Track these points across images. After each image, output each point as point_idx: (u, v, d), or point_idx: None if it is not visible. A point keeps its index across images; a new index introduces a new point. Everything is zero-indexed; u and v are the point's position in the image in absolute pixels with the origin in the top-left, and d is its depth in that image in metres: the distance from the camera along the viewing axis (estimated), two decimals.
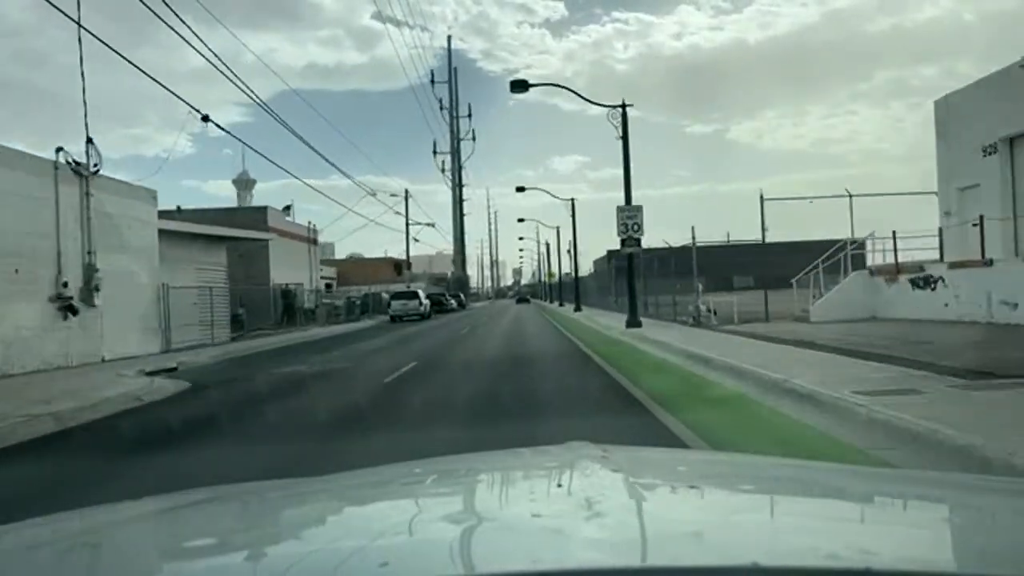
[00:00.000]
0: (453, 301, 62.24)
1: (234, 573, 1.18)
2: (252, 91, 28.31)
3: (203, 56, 16.92)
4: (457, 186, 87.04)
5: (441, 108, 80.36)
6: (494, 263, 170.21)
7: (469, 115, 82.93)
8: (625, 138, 21.80)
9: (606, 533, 1.19)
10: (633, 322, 21.19)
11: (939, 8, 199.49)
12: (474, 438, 6.88)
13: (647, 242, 22.53)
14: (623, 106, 21.68)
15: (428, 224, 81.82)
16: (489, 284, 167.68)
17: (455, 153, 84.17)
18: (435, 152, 77.71)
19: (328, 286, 56.90)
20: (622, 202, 21.59)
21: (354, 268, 70.43)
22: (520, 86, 21.74)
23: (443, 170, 78.97)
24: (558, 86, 25.68)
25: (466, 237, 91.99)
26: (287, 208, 47.22)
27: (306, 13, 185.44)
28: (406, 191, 58.78)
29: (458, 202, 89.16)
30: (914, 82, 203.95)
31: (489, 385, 11.35)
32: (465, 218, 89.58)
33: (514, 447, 2.35)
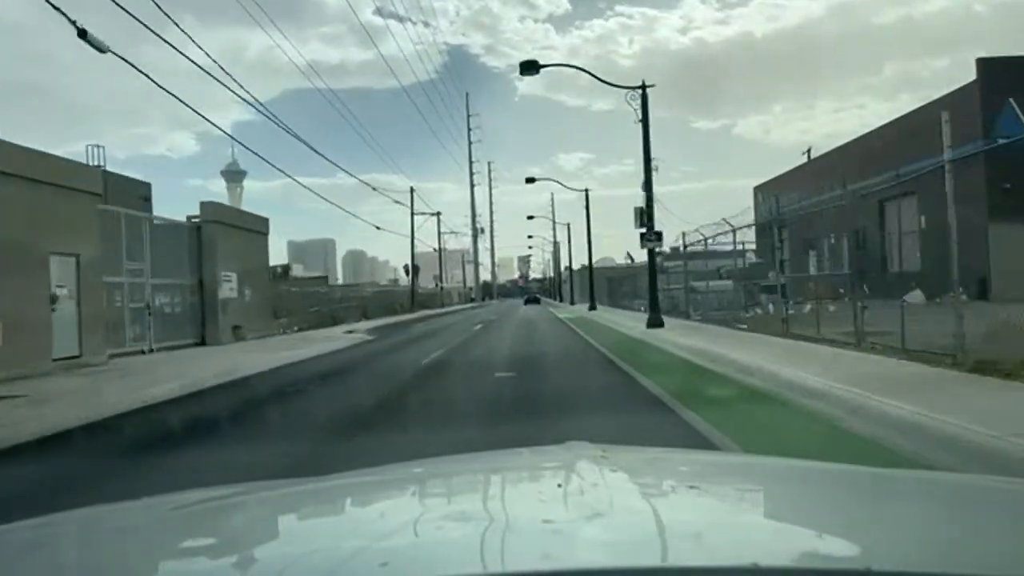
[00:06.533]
0: None
1: (233, 573, 1.18)
2: (251, 92, 27.86)
3: (208, 56, 16.81)
4: None
5: None
6: (480, 231, 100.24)
7: None
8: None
9: (605, 533, 1.18)
10: None
11: None
12: None
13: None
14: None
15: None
16: (479, 274, 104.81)
17: None
18: None
19: None
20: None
21: None
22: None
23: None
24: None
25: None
26: None
27: (308, 10, 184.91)
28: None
29: None
30: (924, 74, 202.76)
31: None
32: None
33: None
